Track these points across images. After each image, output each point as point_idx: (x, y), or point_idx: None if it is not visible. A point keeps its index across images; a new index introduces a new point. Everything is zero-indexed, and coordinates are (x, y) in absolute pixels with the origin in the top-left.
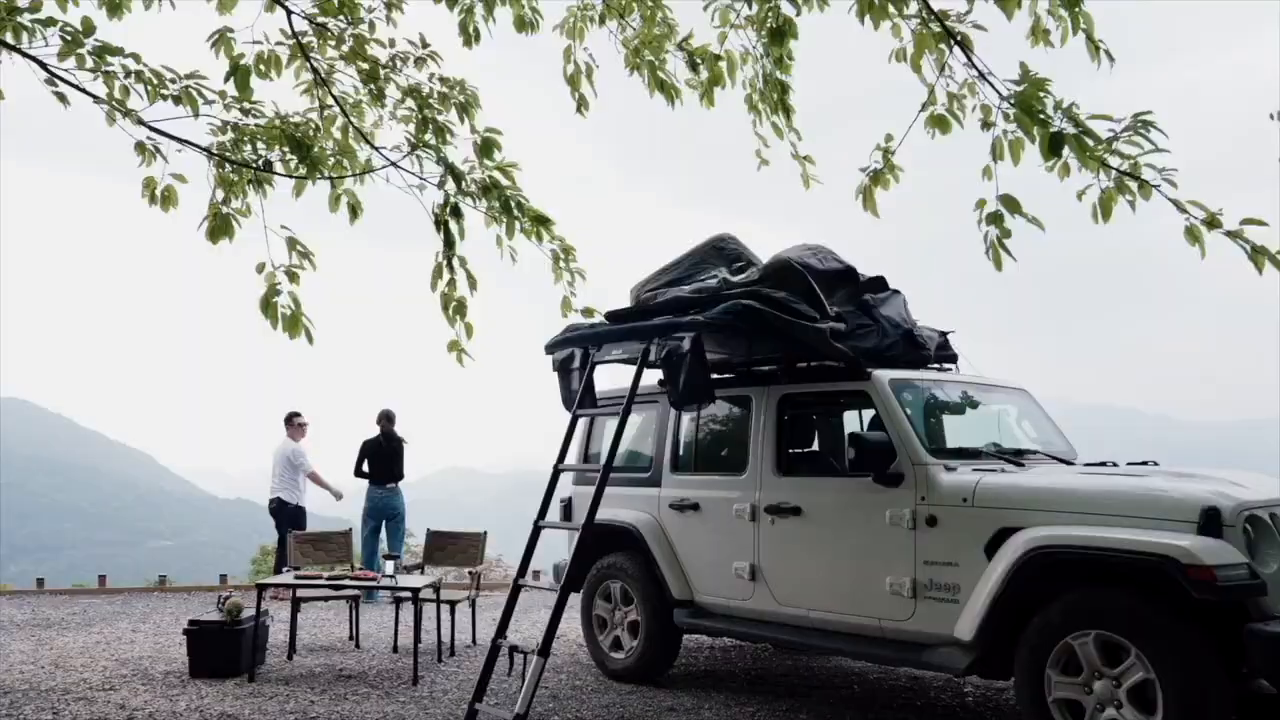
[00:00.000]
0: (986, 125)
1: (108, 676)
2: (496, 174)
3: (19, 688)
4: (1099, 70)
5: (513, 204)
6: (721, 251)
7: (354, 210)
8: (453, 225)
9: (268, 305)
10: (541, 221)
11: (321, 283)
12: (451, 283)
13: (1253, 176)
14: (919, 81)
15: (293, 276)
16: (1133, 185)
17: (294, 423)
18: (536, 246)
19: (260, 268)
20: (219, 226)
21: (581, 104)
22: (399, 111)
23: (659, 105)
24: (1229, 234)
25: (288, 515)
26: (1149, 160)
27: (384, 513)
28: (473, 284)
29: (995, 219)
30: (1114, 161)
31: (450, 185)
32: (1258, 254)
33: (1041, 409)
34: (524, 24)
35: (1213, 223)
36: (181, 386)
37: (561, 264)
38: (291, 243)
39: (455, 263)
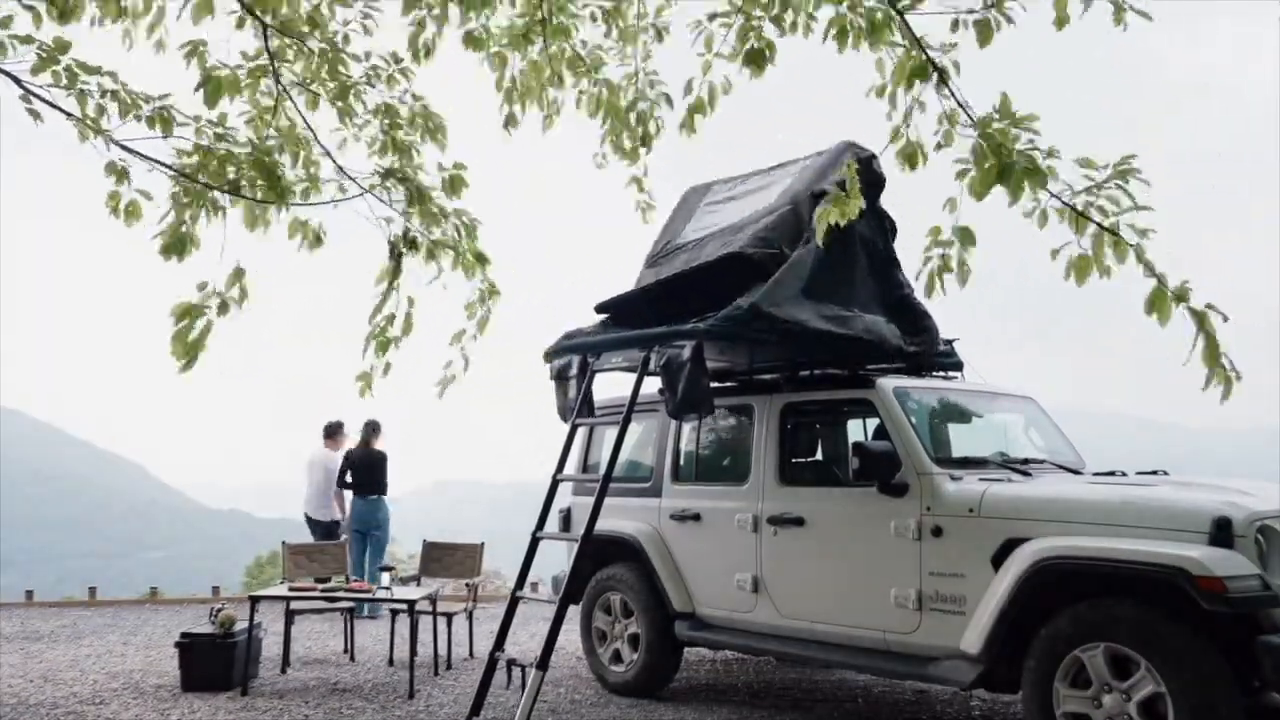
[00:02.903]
0: (938, 148)
1: (98, 690)
2: (457, 200)
3: (7, 702)
4: (1124, 32)
5: (464, 228)
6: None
7: (317, 238)
8: (406, 257)
9: (180, 319)
10: (480, 259)
11: (321, 284)
12: (390, 318)
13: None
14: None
15: (223, 308)
16: (1109, 245)
17: (342, 432)
18: (466, 280)
19: (202, 286)
20: (173, 244)
21: (510, 121)
22: (364, 132)
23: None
24: (1192, 311)
25: (325, 531)
26: (1130, 220)
27: (365, 525)
28: (408, 329)
29: (945, 245)
30: (1095, 215)
31: (415, 210)
32: (1208, 347)
33: (1049, 417)
34: (472, 40)
35: (1181, 296)
36: (173, 397)
37: (480, 303)
38: (239, 274)
39: (397, 300)
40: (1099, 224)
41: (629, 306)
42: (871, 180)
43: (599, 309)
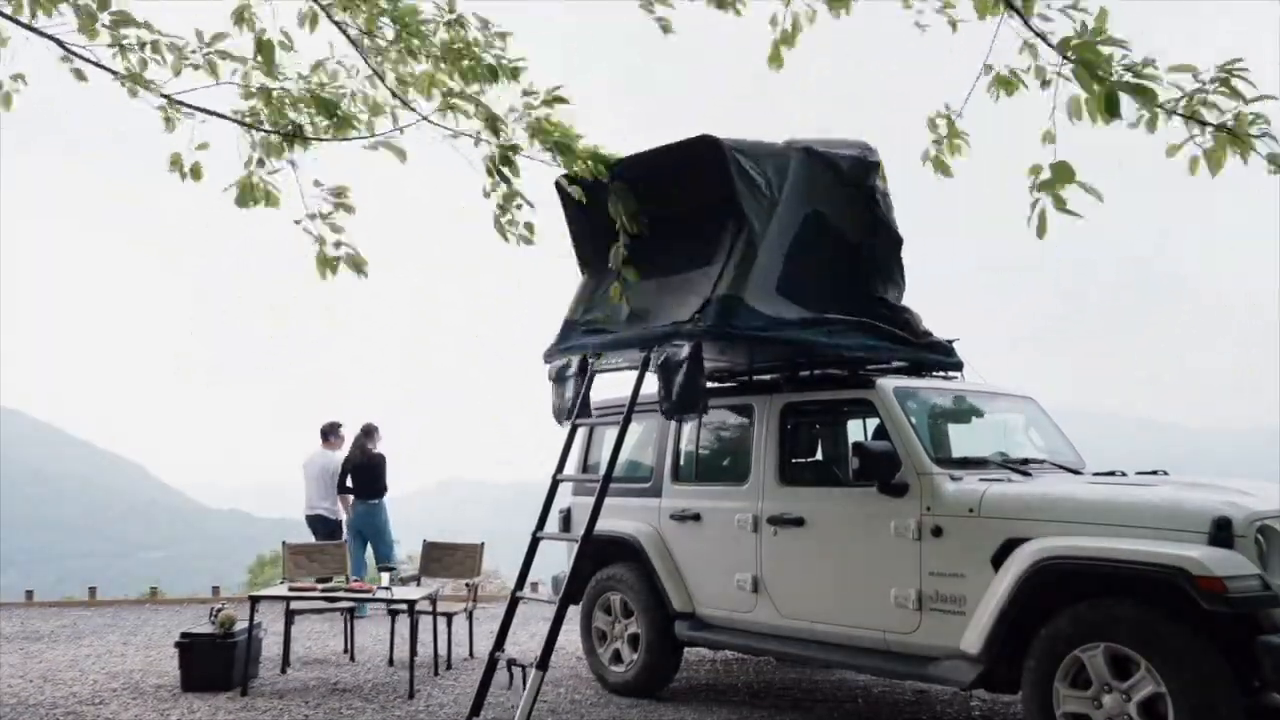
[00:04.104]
0: (1045, 84)
1: (97, 690)
2: (544, 112)
3: (7, 702)
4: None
5: (562, 146)
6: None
7: (401, 154)
8: (507, 170)
9: (324, 260)
10: (599, 159)
11: (324, 286)
12: (511, 220)
13: None
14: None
15: (335, 228)
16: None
17: (339, 433)
18: (602, 177)
19: (297, 220)
20: (247, 193)
21: (666, 26)
22: (439, 69)
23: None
24: None
25: (330, 530)
26: (1252, 109)
27: (364, 528)
28: (529, 226)
29: (1046, 186)
30: (1211, 116)
31: (490, 137)
32: None
33: (1049, 417)
34: None
35: None
36: (174, 397)
37: (617, 211)
38: (336, 191)
39: (516, 202)
40: (1212, 124)
41: (595, 186)
42: (870, 189)
43: (560, 182)
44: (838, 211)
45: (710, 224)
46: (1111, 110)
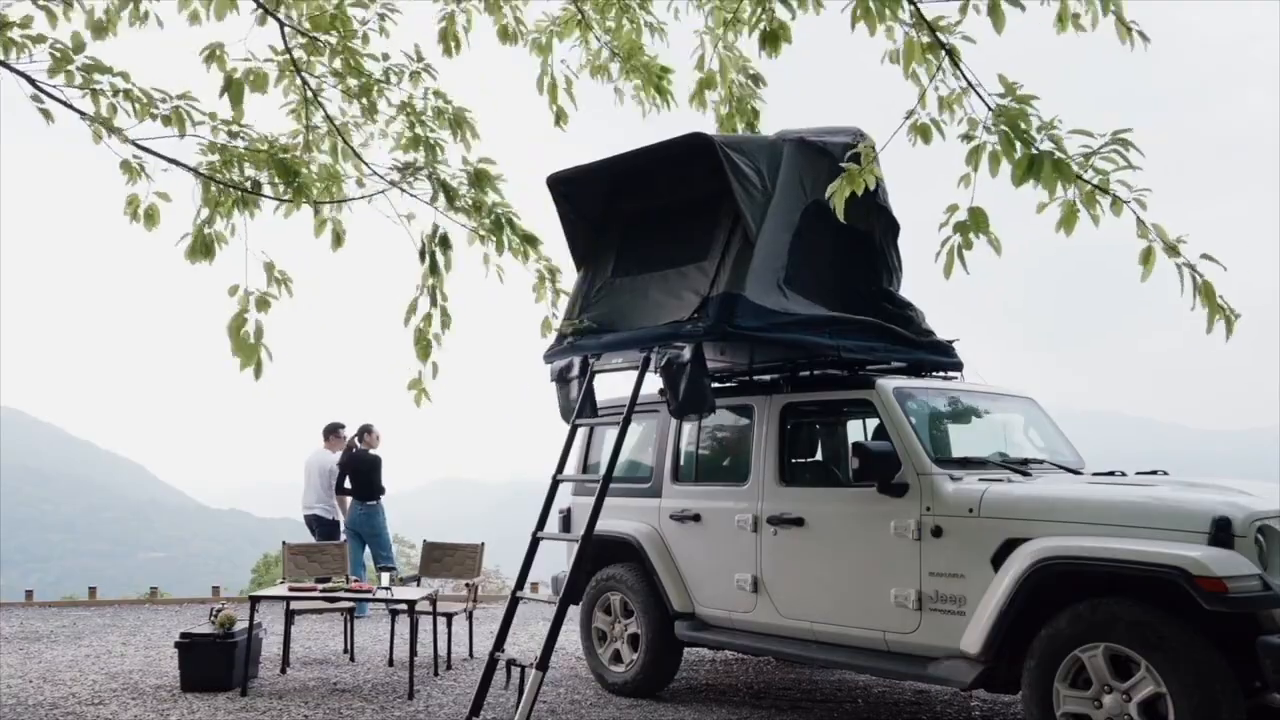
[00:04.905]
0: (968, 138)
1: (97, 691)
2: (489, 189)
3: (6, 703)
4: (1131, 52)
5: (503, 220)
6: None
7: (337, 237)
8: (439, 256)
9: (235, 331)
10: (530, 241)
11: (323, 286)
12: (427, 318)
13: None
14: (904, 90)
15: (262, 304)
16: (1104, 201)
17: (338, 434)
18: (522, 266)
19: (233, 290)
20: (198, 246)
21: (560, 117)
22: (390, 128)
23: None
24: (1182, 266)
25: (326, 530)
26: (1121, 177)
27: (361, 529)
28: (446, 323)
29: (962, 228)
30: (1088, 175)
31: (441, 202)
32: (1204, 293)
33: (1048, 417)
34: (507, 34)
35: (1172, 250)
36: (174, 397)
37: (546, 284)
38: (269, 268)
39: (435, 297)
40: (1092, 184)
41: (585, 184)
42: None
43: (551, 180)
44: None
45: (705, 221)
46: (1033, 175)
